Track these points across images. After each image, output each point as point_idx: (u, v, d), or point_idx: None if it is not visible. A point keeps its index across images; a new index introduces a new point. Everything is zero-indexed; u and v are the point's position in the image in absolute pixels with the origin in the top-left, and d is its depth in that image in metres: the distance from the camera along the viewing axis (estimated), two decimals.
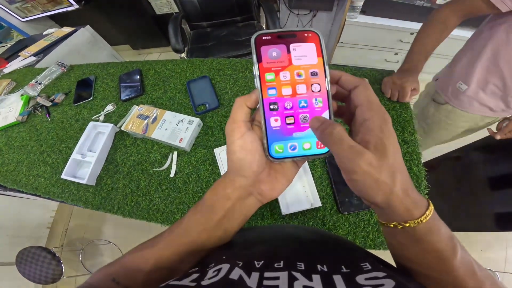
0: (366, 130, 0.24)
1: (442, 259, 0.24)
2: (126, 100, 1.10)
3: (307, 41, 0.28)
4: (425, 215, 0.24)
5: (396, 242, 0.27)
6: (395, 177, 0.23)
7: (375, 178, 0.22)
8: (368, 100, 0.26)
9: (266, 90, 0.28)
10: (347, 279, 0.23)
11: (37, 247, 1.38)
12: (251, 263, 0.26)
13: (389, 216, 0.25)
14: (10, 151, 1.08)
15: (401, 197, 0.23)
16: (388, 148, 0.23)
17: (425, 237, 0.24)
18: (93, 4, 2.27)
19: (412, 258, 0.26)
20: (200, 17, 1.90)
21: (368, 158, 0.22)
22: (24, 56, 1.66)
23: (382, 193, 0.23)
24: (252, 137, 0.29)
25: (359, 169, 0.22)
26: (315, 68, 0.28)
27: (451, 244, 0.25)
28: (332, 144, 0.24)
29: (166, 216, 0.81)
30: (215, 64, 1.13)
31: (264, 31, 0.28)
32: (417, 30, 0.92)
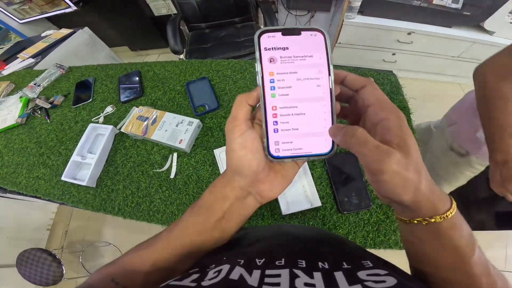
0: (385, 130, 0.24)
1: (460, 257, 0.24)
2: (126, 102, 1.10)
3: (312, 39, 0.28)
4: (451, 210, 0.24)
5: (415, 238, 0.27)
6: (420, 174, 0.23)
7: (404, 177, 0.22)
8: (379, 99, 0.26)
9: (268, 88, 0.27)
10: (348, 275, 0.23)
11: (38, 249, 1.37)
12: (252, 261, 0.26)
13: (414, 213, 0.24)
14: (10, 153, 1.08)
15: (427, 194, 0.23)
16: (411, 146, 0.23)
17: (447, 233, 0.24)
18: (91, 5, 2.26)
19: (429, 255, 0.26)
20: (199, 18, 1.91)
21: (397, 158, 0.22)
22: (22, 58, 1.66)
23: (409, 191, 0.23)
24: (253, 136, 0.28)
25: (389, 169, 0.22)
26: (319, 67, 0.28)
27: (471, 241, 0.25)
28: (357, 146, 0.24)
29: (166, 217, 0.81)
30: (214, 65, 1.13)
31: (268, 27, 0.27)
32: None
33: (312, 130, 0.28)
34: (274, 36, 0.27)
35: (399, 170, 0.22)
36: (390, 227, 0.69)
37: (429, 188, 0.23)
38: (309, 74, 0.28)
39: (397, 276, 0.22)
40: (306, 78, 0.27)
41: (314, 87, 0.28)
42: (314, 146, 0.28)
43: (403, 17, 1.84)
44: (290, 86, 0.28)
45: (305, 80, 0.27)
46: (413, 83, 2.29)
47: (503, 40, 1.82)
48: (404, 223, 0.26)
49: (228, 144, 0.28)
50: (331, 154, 0.28)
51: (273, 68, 0.27)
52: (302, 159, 0.29)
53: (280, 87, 0.27)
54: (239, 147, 0.28)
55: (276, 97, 0.28)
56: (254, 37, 0.27)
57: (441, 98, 2.22)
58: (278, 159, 0.28)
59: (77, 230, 2.06)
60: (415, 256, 0.29)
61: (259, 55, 0.27)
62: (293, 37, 0.27)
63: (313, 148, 0.28)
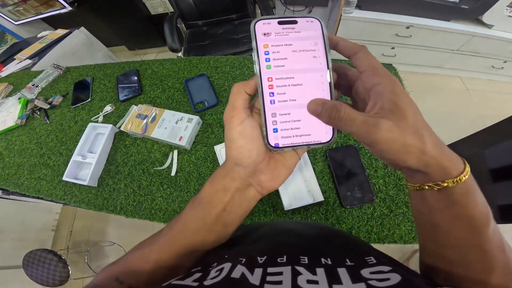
0: (377, 95, 0.23)
1: (475, 228, 0.23)
2: (125, 101, 1.09)
3: (308, 28, 0.27)
4: (464, 173, 0.22)
5: (427, 208, 0.25)
6: (422, 135, 0.22)
7: (401, 142, 0.21)
8: (372, 65, 0.25)
9: (266, 77, 0.27)
10: (351, 272, 0.23)
11: (43, 249, 1.38)
12: (254, 259, 0.26)
13: (424, 177, 0.23)
14: (11, 155, 1.08)
15: (435, 155, 0.22)
16: (405, 109, 0.22)
17: (461, 200, 0.23)
18: (86, 6, 2.25)
19: (442, 227, 0.25)
20: (196, 16, 1.89)
21: (385, 126, 0.21)
22: (19, 59, 1.65)
23: (413, 155, 0.22)
24: (252, 124, 0.28)
25: (382, 138, 0.21)
26: (317, 55, 0.27)
27: (486, 211, 0.23)
28: (345, 127, 0.24)
29: (168, 215, 0.81)
30: (212, 62, 1.13)
31: (265, 17, 0.27)
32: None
33: (312, 119, 0.27)
34: (269, 24, 0.27)
35: (394, 137, 0.21)
36: (394, 221, 0.69)
37: (438, 150, 0.22)
38: (307, 62, 0.27)
39: (401, 273, 0.22)
40: (304, 66, 0.27)
41: (313, 76, 0.27)
42: (314, 134, 0.28)
43: (401, 11, 1.83)
44: (287, 74, 0.27)
45: (303, 68, 0.27)
46: (413, 76, 2.29)
47: (502, 33, 1.82)
48: (415, 190, 0.25)
49: (227, 133, 0.28)
50: (331, 142, 0.28)
51: (270, 57, 0.27)
52: (302, 147, 0.28)
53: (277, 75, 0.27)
54: (238, 136, 0.27)
55: (273, 85, 0.27)
56: (250, 26, 0.27)
57: (441, 91, 2.24)
58: (278, 149, 0.28)
59: (82, 230, 2.07)
60: (426, 231, 0.28)
61: (256, 44, 0.27)
62: (290, 25, 0.27)
63: (313, 136, 0.28)
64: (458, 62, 2.14)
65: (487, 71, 2.18)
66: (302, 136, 0.28)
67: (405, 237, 0.67)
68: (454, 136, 1.30)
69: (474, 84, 2.28)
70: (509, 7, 1.67)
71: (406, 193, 0.72)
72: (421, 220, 0.28)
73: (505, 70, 2.12)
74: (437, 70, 2.30)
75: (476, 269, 0.24)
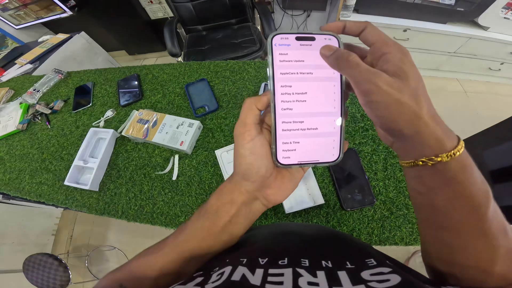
0: (384, 62, 0.23)
1: (475, 209, 0.22)
2: (126, 106, 1.10)
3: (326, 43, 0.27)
4: (458, 148, 0.21)
5: (424, 187, 0.25)
6: (420, 100, 0.21)
7: (396, 98, 0.21)
8: (381, 37, 0.25)
9: (280, 93, 0.27)
10: (352, 275, 0.23)
11: (44, 254, 1.38)
12: (255, 260, 0.26)
13: (417, 150, 0.23)
14: (12, 160, 1.08)
15: (429, 124, 0.21)
16: (409, 74, 0.22)
17: (457, 176, 0.22)
18: (86, 10, 2.27)
19: (441, 208, 0.24)
20: (195, 21, 1.91)
21: (386, 78, 0.21)
22: (20, 63, 1.66)
23: (406, 117, 0.21)
24: (262, 142, 0.28)
25: (377, 88, 0.21)
26: (333, 76, 0.27)
27: (485, 189, 0.23)
28: (348, 68, 0.23)
29: (170, 219, 0.81)
30: (212, 66, 1.14)
31: (282, 31, 0.27)
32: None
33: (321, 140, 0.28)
34: (287, 39, 0.27)
35: (389, 91, 0.21)
36: (395, 223, 0.69)
37: (432, 119, 0.22)
38: (322, 80, 0.27)
39: (401, 273, 0.22)
40: (318, 84, 0.27)
41: (327, 98, 0.27)
42: (322, 154, 0.28)
43: (398, 14, 1.85)
44: (302, 92, 0.27)
45: (317, 86, 0.27)
46: None
47: (498, 35, 1.84)
48: (410, 167, 0.24)
49: (237, 149, 0.28)
50: (337, 162, 0.28)
51: (285, 73, 0.27)
52: (310, 165, 0.29)
53: (291, 93, 0.27)
54: (248, 153, 0.27)
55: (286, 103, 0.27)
56: (267, 40, 0.27)
57: (439, 94, 2.25)
58: (286, 166, 0.28)
59: (82, 234, 2.06)
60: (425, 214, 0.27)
61: (271, 59, 0.26)
62: (307, 42, 0.27)
63: (321, 156, 0.28)
64: (456, 64, 2.15)
65: (484, 73, 2.20)
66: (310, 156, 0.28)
67: (406, 239, 0.68)
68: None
69: (472, 86, 2.30)
70: (504, 9, 1.69)
71: (406, 195, 0.72)
72: (418, 201, 0.27)
73: (502, 72, 2.13)
74: (434, 73, 2.31)
75: (479, 256, 0.23)
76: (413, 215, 0.70)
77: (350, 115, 0.87)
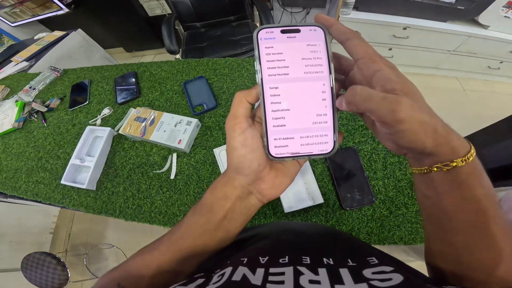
0: (383, 80, 0.23)
1: (481, 211, 0.23)
2: (123, 103, 1.09)
3: (311, 36, 0.27)
4: (471, 152, 0.22)
5: (433, 191, 0.25)
6: (432, 114, 0.22)
7: (421, 120, 0.21)
8: (368, 52, 0.24)
9: (268, 86, 0.27)
10: (353, 273, 0.23)
11: (41, 252, 1.37)
12: (256, 259, 0.26)
13: (434, 159, 0.23)
14: (8, 158, 1.07)
15: (445, 134, 0.22)
16: (414, 91, 0.22)
17: (467, 180, 0.22)
18: (83, 7, 2.25)
19: (448, 210, 0.24)
20: (193, 17, 1.89)
21: (409, 103, 0.21)
22: (16, 61, 1.64)
23: (430, 134, 0.21)
24: (253, 134, 0.28)
25: (406, 116, 0.20)
26: (320, 64, 0.27)
27: (492, 194, 0.23)
28: (363, 103, 0.22)
29: (168, 218, 0.81)
30: (211, 64, 1.13)
31: (267, 25, 0.27)
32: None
33: (314, 130, 0.27)
34: (272, 32, 0.27)
35: (415, 115, 0.21)
36: (394, 223, 0.69)
37: (446, 129, 0.22)
38: (310, 71, 0.27)
39: (404, 272, 0.22)
40: (307, 75, 0.27)
41: (315, 84, 0.27)
42: (315, 145, 0.28)
43: (398, 12, 1.84)
44: (290, 83, 0.27)
45: (306, 77, 0.27)
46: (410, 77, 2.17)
47: (498, 34, 1.83)
48: (421, 174, 0.25)
49: (229, 142, 0.28)
50: (332, 153, 0.28)
51: (273, 66, 0.27)
52: (303, 158, 0.28)
53: (280, 85, 0.27)
54: (240, 145, 0.27)
55: (275, 95, 0.27)
56: (253, 35, 0.27)
57: (438, 92, 2.25)
58: (278, 159, 0.28)
59: (80, 233, 2.06)
60: (432, 218, 0.27)
61: (258, 53, 0.27)
62: (293, 34, 0.27)
63: (314, 147, 0.28)
64: (455, 62, 2.15)
65: (484, 71, 2.20)
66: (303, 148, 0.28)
67: (405, 238, 0.67)
68: None
69: (471, 84, 2.30)
70: (505, 7, 1.68)
71: (406, 194, 0.72)
72: (426, 204, 0.27)
73: (502, 70, 2.13)
74: (434, 71, 2.31)
75: (483, 257, 0.23)
76: (412, 214, 0.69)
77: (350, 113, 0.86)
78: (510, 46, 1.90)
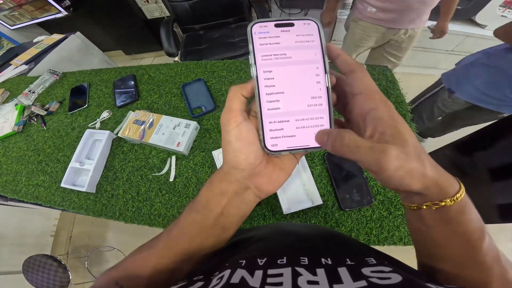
0: (376, 121, 0.23)
1: (471, 243, 0.23)
2: (122, 106, 1.09)
3: (305, 30, 0.27)
4: (460, 193, 0.23)
5: (424, 225, 0.25)
6: (422, 159, 0.22)
7: (407, 168, 0.21)
8: (369, 88, 0.25)
9: (263, 80, 0.27)
10: (352, 271, 0.23)
11: (43, 255, 1.38)
12: (254, 261, 0.26)
13: (423, 198, 0.24)
14: (8, 162, 1.07)
15: (434, 177, 0.22)
16: (406, 134, 0.22)
17: (457, 217, 0.23)
18: (82, 10, 2.25)
19: (439, 242, 0.25)
20: (192, 20, 1.90)
21: (394, 153, 0.21)
22: (15, 64, 1.65)
23: (417, 180, 0.22)
24: (249, 127, 0.27)
25: (390, 165, 0.21)
26: (314, 57, 0.27)
27: (481, 226, 0.24)
28: (350, 154, 0.23)
29: (167, 221, 0.81)
30: (209, 66, 1.13)
31: (261, 19, 0.27)
32: None
33: (309, 123, 0.27)
34: (266, 26, 0.27)
35: (401, 164, 0.21)
36: (393, 223, 0.69)
37: (435, 171, 0.22)
38: (304, 66, 0.27)
39: (402, 273, 0.22)
40: (301, 69, 0.27)
41: (310, 78, 0.27)
42: (311, 138, 0.27)
43: None
44: (285, 77, 0.27)
45: (300, 71, 0.27)
46: (409, 77, 2.28)
47: None
48: (412, 210, 0.25)
49: (224, 136, 0.28)
50: None
51: (267, 60, 0.27)
52: (300, 151, 0.28)
53: (274, 79, 0.27)
54: (234, 139, 0.27)
55: (270, 89, 0.27)
56: (247, 29, 0.27)
57: None
58: (275, 152, 0.27)
59: (81, 235, 2.07)
60: (423, 246, 0.28)
61: (252, 47, 0.27)
62: (287, 28, 0.27)
63: (311, 140, 0.27)
64: (453, 62, 2.13)
65: None
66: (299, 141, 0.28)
67: (405, 239, 0.68)
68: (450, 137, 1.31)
69: None
70: (501, 7, 1.69)
71: None
72: (417, 237, 0.28)
73: None
74: (432, 71, 2.31)
75: (474, 279, 0.24)
76: None
77: None
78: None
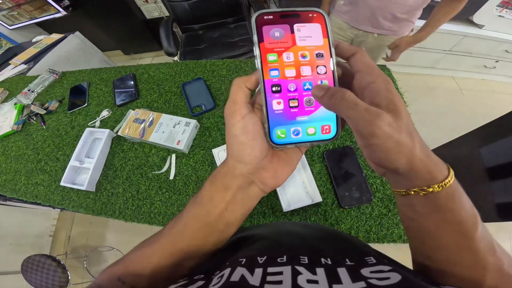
0: (373, 93, 0.23)
1: (463, 231, 0.23)
2: (121, 105, 1.09)
3: (311, 21, 0.27)
4: (448, 179, 0.22)
5: (415, 213, 0.25)
6: (413, 137, 0.22)
7: (396, 139, 0.21)
8: (368, 65, 0.25)
9: (268, 71, 0.26)
10: (351, 272, 0.23)
11: (42, 255, 1.37)
12: (254, 259, 0.26)
13: (410, 182, 0.23)
14: (7, 161, 1.07)
15: (423, 159, 0.22)
16: (401, 108, 0.22)
17: (447, 204, 0.22)
18: (81, 10, 2.25)
19: (430, 231, 0.25)
20: (191, 20, 1.90)
21: (387, 119, 0.21)
22: (14, 64, 1.65)
23: (404, 155, 0.21)
24: (254, 120, 0.27)
25: (380, 131, 0.21)
26: (320, 49, 0.27)
27: (473, 214, 0.23)
28: (346, 109, 0.23)
29: (168, 219, 0.81)
30: (209, 65, 1.13)
31: (266, 10, 0.26)
32: None
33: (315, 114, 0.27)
34: (272, 19, 0.26)
35: (391, 133, 0.21)
36: (392, 221, 0.70)
37: (425, 153, 0.22)
38: (310, 56, 0.27)
39: (401, 271, 0.22)
40: (307, 60, 0.27)
41: (316, 69, 0.27)
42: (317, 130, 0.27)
43: None
44: (290, 68, 0.26)
45: (306, 62, 0.27)
46: (407, 77, 2.32)
47: (493, 33, 1.85)
48: (401, 196, 0.25)
49: (228, 129, 0.27)
50: (334, 138, 0.27)
51: (272, 51, 0.26)
52: (305, 144, 0.28)
53: (280, 70, 0.26)
54: (240, 132, 0.26)
55: (276, 80, 0.26)
56: (252, 20, 0.26)
57: (435, 92, 2.26)
58: (280, 146, 0.27)
59: (80, 235, 2.06)
60: (415, 236, 0.27)
61: (257, 38, 0.26)
62: (292, 19, 0.27)
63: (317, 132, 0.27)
64: (451, 62, 2.16)
65: (480, 70, 2.22)
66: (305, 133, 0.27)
67: (404, 236, 0.68)
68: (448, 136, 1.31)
69: (467, 83, 2.32)
70: (498, 7, 1.70)
71: None
72: (409, 225, 0.28)
73: (497, 69, 2.15)
74: (430, 71, 2.33)
75: (469, 271, 0.24)
76: None
77: None
78: (505, 45, 1.91)
